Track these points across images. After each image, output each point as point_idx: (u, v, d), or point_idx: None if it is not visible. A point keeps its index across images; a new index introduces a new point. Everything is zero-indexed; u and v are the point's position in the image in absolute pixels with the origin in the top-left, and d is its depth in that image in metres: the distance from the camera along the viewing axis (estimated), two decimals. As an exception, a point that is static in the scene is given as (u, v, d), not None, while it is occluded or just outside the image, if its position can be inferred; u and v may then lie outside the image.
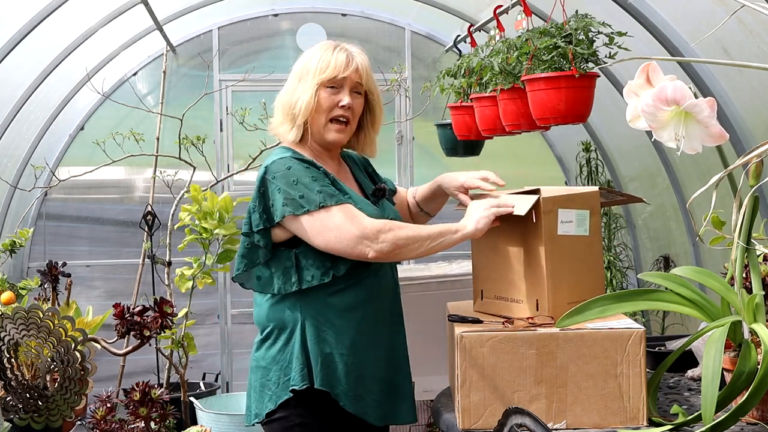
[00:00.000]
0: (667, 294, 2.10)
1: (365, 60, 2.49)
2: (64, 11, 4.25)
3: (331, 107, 2.42)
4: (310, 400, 2.36)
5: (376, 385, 2.41)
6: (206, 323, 5.79)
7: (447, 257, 4.78)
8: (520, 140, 5.16)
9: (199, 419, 4.36)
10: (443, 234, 2.32)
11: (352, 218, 2.31)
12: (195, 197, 4.22)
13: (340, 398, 2.36)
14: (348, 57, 2.44)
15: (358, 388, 2.38)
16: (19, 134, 5.02)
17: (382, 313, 2.45)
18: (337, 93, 2.43)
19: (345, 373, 2.36)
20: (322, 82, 2.41)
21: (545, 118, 2.89)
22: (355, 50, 2.49)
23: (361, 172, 2.63)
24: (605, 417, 2.07)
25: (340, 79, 2.42)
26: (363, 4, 5.87)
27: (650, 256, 5.32)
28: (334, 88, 2.43)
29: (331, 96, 2.42)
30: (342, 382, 2.36)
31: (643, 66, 1.78)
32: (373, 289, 2.41)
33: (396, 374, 2.47)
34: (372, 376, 2.40)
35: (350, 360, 2.37)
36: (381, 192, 2.54)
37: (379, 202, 2.52)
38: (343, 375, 2.36)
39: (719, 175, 1.77)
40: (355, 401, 2.37)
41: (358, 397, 2.37)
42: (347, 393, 2.36)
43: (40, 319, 2.39)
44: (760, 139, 2.31)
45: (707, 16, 3.59)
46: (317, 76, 2.41)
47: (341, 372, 2.36)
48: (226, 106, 5.69)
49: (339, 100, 2.42)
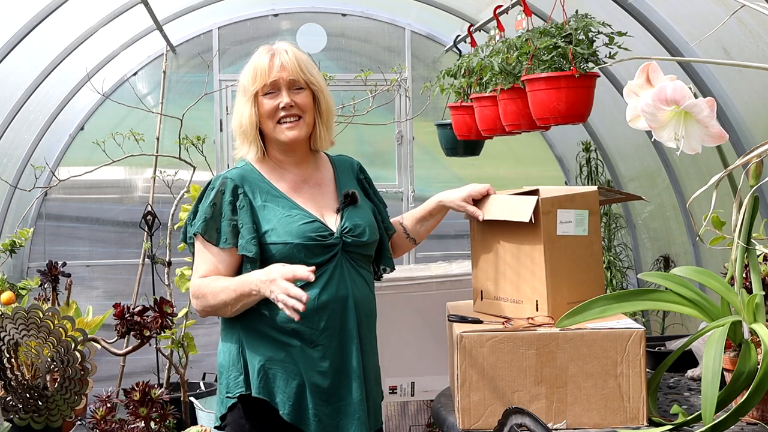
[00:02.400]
0: (667, 294, 2.10)
1: (292, 54, 2.43)
2: (64, 11, 4.25)
3: (273, 111, 2.41)
4: (255, 408, 2.35)
5: (317, 399, 2.34)
6: (206, 323, 5.77)
7: (447, 257, 4.79)
8: (520, 140, 5.16)
9: (199, 419, 4.36)
10: (240, 299, 2.31)
11: (196, 268, 2.39)
12: (195, 197, 4.22)
13: (280, 407, 2.33)
14: (271, 59, 2.42)
15: (299, 399, 2.33)
16: (19, 134, 5.02)
17: (327, 325, 2.34)
18: (276, 96, 2.41)
19: (285, 381, 2.33)
20: (257, 92, 2.42)
21: (545, 118, 2.89)
22: (281, 47, 2.45)
23: (350, 179, 2.56)
24: (605, 417, 2.07)
25: (270, 84, 2.40)
26: (363, 4, 5.87)
27: (650, 256, 5.32)
28: (271, 93, 2.41)
29: (270, 101, 2.41)
30: (281, 391, 2.33)
31: (643, 66, 1.78)
32: (314, 301, 2.30)
33: (342, 390, 2.36)
34: (311, 387, 2.33)
35: (290, 367, 2.33)
36: (349, 198, 2.45)
37: (344, 210, 2.43)
38: (282, 383, 2.33)
39: (719, 175, 1.77)
40: (294, 411, 2.33)
41: (299, 407, 2.33)
42: (287, 402, 2.33)
43: (40, 319, 2.39)
44: (760, 139, 2.31)
45: (707, 16, 3.59)
46: (249, 88, 2.43)
47: (281, 380, 2.33)
48: (226, 106, 5.69)
49: (278, 102, 2.41)
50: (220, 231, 2.35)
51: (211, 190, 2.39)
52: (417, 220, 2.59)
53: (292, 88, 2.42)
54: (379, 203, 2.59)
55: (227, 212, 2.36)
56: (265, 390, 2.33)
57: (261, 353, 2.34)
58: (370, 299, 2.46)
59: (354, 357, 2.36)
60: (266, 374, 2.33)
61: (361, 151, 5.84)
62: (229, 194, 2.37)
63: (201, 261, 2.38)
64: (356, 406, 2.35)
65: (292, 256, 2.30)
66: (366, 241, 2.42)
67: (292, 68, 2.41)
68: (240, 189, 2.38)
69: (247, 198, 2.37)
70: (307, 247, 2.32)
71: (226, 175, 2.41)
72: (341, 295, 2.36)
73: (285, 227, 2.34)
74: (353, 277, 2.39)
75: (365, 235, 2.42)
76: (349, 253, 2.38)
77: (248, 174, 2.42)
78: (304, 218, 2.37)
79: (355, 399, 2.36)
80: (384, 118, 5.57)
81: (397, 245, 2.65)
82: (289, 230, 2.33)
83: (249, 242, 2.32)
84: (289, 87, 2.41)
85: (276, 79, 2.40)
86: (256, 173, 2.43)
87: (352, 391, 2.36)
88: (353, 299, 2.37)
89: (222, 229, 2.35)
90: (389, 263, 2.59)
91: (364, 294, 2.42)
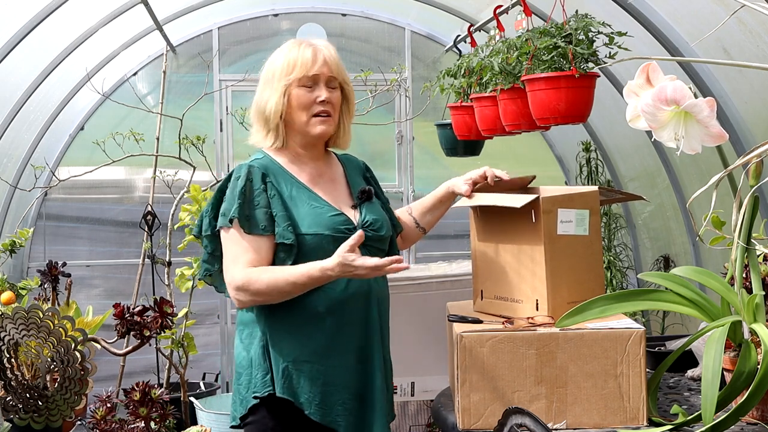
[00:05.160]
0: (667, 294, 2.10)
1: (333, 52, 2.45)
2: (64, 11, 4.25)
3: (309, 104, 2.40)
4: (277, 407, 2.34)
5: (346, 394, 2.35)
6: (206, 323, 5.78)
7: (447, 257, 4.79)
8: (520, 140, 5.16)
9: (199, 419, 4.36)
10: (305, 288, 2.30)
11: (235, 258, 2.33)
12: (195, 197, 4.22)
13: (305, 407, 2.31)
14: (314, 53, 2.41)
15: (326, 396, 2.33)
16: (19, 134, 5.02)
17: (352, 318, 2.36)
18: (313, 90, 2.41)
19: (310, 380, 2.32)
20: (292, 81, 2.40)
21: (545, 118, 2.89)
22: (321, 44, 2.46)
23: (359, 177, 2.58)
24: (605, 417, 2.07)
25: (312, 76, 2.40)
26: (363, 4, 5.87)
27: (650, 256, 5.32)
28: (309, 87, 2.41)
29: (308, 93, 2.40)
30: (306, 390, 2.32)
31: (643, 66, 1.78)
32: (340, 296, 2.34)
33: (368, 383, 2.38)
34: (341, 383, 2.34)
35: (315, 367, 2.32)
36: (365, 194, 2.49)
37: (362, 205, 2.46)
38: (307, 383, 2.32)
39: (719, 175, 1.77)
40: (322, 410, 2.32)
41: (326, 405, 2.33)
42: (312, 401, 2.32)
43: (40, 319, 2.39)
44: (760, 139, 2.31)
45: (707, 16, 3.59)
46: (285, 76, 2.40)
47: (305, 379, 2.32)
48: (226, 106, 5.69)
49: (317, 96, 2.40)
50: (256, 218, 2.33)
51: (236, 179, 2.36)
52: (427, 210, 2.63)
53: (329, 85, 2.43)
54: (386, 202, 2.61)
55: (261, 200, 2.34)
56: (289, 390, 2.32)
57: (286, 353, 2.33)
58: (387, 293, 2.50)
59: (377, 350, 2.40)
60: (290, 374, 2.32)
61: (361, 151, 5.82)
62: (258, 182, 2.35)
63: (240, 250, 2.32)
64: (380, 398, 2.39)
65: (320, 247, 2.31)
66: (383, 236, 2.45)
67: (334, 66, 2.43)
68: (268, 177, 2.37)
69: (274, 187, 2.37)
70: (335, 239, 2.32)
71: (252, 164, 2.39)
72: (364, 289, 2.38)
73: (315, 218, 2.35)
74: None
75: (383, 229, 2.45)
76: (368, 247, 2.38)
77: (270, 164, 2.42)
78: (331, 210, 2.39)
79: (379, 391, 2.39)
80: (384, 118, 5.57)
81: (407, 236, 2.67)
82: (320, 221, 2.35)
83: (286, 230, 2.32)
84: (327, 83, 2.42)
85: (318, 74, 2.40)
86: (276, 164, 2.43)
87: (376, 384, 2.39)
88: (375, 293, 2.41)
89: (257, 217, 2.33)
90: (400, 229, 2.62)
91: (382, 288, 2.46)
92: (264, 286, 2.28)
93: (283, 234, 2.31)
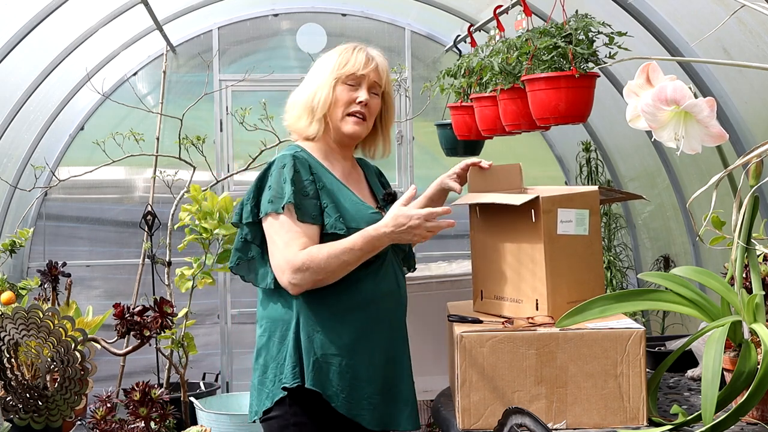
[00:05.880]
0: (667, 294, 2.10)
1: (385, 62, 2.54)
2: (64, 11, 4.25)
3: (348, 102, 2.46)
4: (304, 400, 2.36)
5: (371, 389, 2.38)
6: (206, 323, 5.79)
7: (447, 257, 4.79)
8: (520, 140, 5.16)
9: (199, 419, 4.36)
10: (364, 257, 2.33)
11: (288, 243, 2.33)
12: (195, 197, 4.22)
13: (332, 399, 2.34)
14: (368, 57, 2.50)
15: (353, 391, 2.36)
16: (19, 134, 5.02)
17: (381, 316, 2.42)
18: (355, 90, 2.47)
19: (338, 374, 2.35)
20: (340, 77, 2.45)
21: (545, 118, 2.89)
22: (375, 53, 2.54)
23: (376, 180, 2.65)
24: (605, 417, 2.07)
25: (358, 77, 2.46)
26: (363, 4, 5.87)
27: (650, 256, 5.32)
28: (352, 85, 2.46)
29: (349, 92, 2.46)
30: (334, 384, 2.35)
31: (643, 66, 1.78)
32: (371, 292, 2.39)
33: (395, 379, 2.44)
34: (368, 379, 2.38)
35: (344, 362, 2.36)
36: (391, 197, 2.57)
37: (387, 207, 2.52)
38: (336, 376, 2.35)
39: (719, 175, 1.77)
40: (348, 403, 2.35)
41: (353, 399, 2.36)
42: (340, 394, 2.35)
43: (40, 319, 2.39)
44: (760, 139, 2.31)
45: (707, 16, 3.59)
46: (336, 71, 2.46)
47: (334, 373, 2.35)
48: (226, 106, 5.69)
49: (356, 96, 2.46)
50: (306, 207, 2.35)
51: (281, 168, 2.37)
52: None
53: (371, 90, 2.49)
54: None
55: (310, 190, 2.37)
56: (319, 383, 2.34)
57: (317, 346, 2.35)
58: (407, 294, 2.55)
59: (403, 346, 2.48)
60: (321, 367, 2.35)
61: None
62: (306, 173, 2.38)
63: (293, 235, 2.33)
64: (407, 393, 2.45)
65: None
66: None
67: (383, 74, 2.52)
68: (313, 169, 2.41)
69: (320, 178, 2.40)
70: None
71: (295, 155, 2.41)
72: (393, 287, 2.45)
73: (356, 213, 2.40)
74: (398, 273, 2.50)
75: None
76: (392, 247, 2.44)
77: (309, 158, 2.45)
78: (370, 207, 2.45)
79: (405, 386, 2.45)
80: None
81: None
82: (360, 216, 2.39)
83: (337, 221, 2.36)
84: (370, 88, 2.48)
85: (365, 75, 2.47)
86: (312, 158, 2.46)
87: (403, 379, 2.45)
88: (402, 292, 2.49)
89: (307, 206, 2.35)
90: (413, 263, 2.66)
91: (404, 287, 2.53)
92: (324, 260, 2.30)
93: (334, 225, 2.35)
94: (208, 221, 4.16)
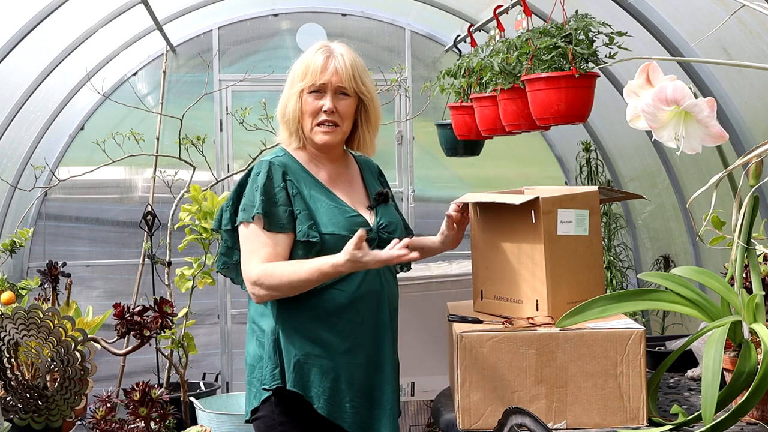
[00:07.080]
0: (667, 294, 2.10)
1: (348, 61, 2.44)
2: (64, 11, 4.25)
3: (315, 112, 2.42)
4: (288, 400, 2.36)
5: (354, 392, 2.37)
6: (206, 323, 5.78)
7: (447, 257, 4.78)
8: (520, 140, 5.16)
9: (199, 419, 4.36)
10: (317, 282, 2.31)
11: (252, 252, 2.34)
12: (195, 197, 4.22)
13: (314, 401, 2.34)
14: (326, 61, 2.42)
15: (334, 393, 2.35)
16: (19, 134, 5.01)
17: (363, 317, 2.39)
18: (320, 97, 2.42)
19: (320, 376, 2.35)
20: (303, 88, 2.42)
21: (545, 118, 2.89)
22: (340, 51, 2.45)
23: (374, 179, 2.62)
24: (605, 417, 2.07)
25: (320, 85, 2.41)
26: (363, 4, 5.86)
27: (650, 256, 5.32)
28: (317, 93, 2.42)
29: (315, 101, 2.42)
30: (316, 385, 2.35)
31: (643, 66, 1.78)
32: (352, 292, 2.37)
33: (377, 382, 2.41)
34: (349, 381, 2.37)
35: (325, 363, 2.35)
36: (382, 197, 2.52)
37: (378, 207, 2.50)
38: (317, 378, 2.35)
39: (719, 175, 1.77)
40: (329, 405, 2.35)
41: (334, 401, 2.35)
42: (321, 396, 2.35)
43: (40, 319, 2.39)
44: (760, 139, 2.31)
45: (707, 16, 3.59)
46: (299, 82, 2.43)
47: (315, 375, 2.35)
48: (226, 106, 5.69)
49: (322, 105, 2.41)
50: (276, 216, 2.34)
51: (256, 175, 2.38)
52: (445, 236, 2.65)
53: (337, 93, 2.43)
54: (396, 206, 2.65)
55: (281, 198, 2.36)
56: (300, 384, 2.34)
57: (297, 348, 2.35)
58: (396, 294, 2.53)
59: (387, 349, 2.43)
60: (302, 369, 2.35)
61: (361, 151, 5.84)
62: (279, 179, 2.37)
63: (257, 245, 2.34)
64: (389, 396, 2.42)
65: (335, 247, 2.31)
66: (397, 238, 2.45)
67: (345, 75, 2.42)
68: (287, 175, 2.39)
69: (295, 185, 2.39)
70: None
71: (272, 161, 2.41)
72: (376, 289, 2.41)
73: (333, 218, 2.38)
74: (385, 272, 2.46)
75: (397, 231, 2.48)
76: (381, 248, 2.38)
77: (289, 162, 2.44)
78: (350, 211, 2.42)
79: (388, 390, 2.42)
80: (384, 118, 5.53)
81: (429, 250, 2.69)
82: (338, 222, 2.37)
83: (310, 228, 2.34)
84: (336, 92, 2.43)
85: (325, 83, 2.41)
86: (296, 162, 2.45)
87: (385, 383, 2.42)
88: (387, 292, 2.44)
89: (277, 214, 2.35)
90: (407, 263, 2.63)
91: (393, 288, 2.50)
92: (277, 281, 2.30)
93: (306, 232, 2.34)
94: (208, 221, 4.16)
